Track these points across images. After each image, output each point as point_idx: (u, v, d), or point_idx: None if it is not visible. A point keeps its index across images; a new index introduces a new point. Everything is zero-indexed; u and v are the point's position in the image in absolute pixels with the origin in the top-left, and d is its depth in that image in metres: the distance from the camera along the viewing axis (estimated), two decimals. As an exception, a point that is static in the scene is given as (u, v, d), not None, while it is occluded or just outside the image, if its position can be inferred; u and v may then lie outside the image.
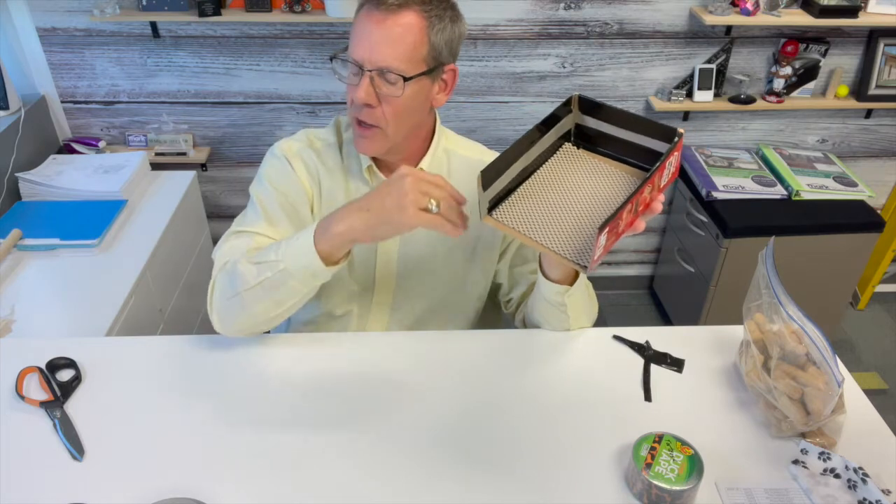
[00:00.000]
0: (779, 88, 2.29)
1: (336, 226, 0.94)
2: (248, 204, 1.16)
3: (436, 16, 1.00)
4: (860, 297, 2.75)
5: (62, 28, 2.10)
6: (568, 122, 1.02)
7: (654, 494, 0.87)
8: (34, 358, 1.08)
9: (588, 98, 1.00)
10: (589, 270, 0.88)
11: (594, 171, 1.01)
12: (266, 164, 1.17)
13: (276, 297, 1.00)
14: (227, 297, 1.03)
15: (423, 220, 0.90)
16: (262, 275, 0.98)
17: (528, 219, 0.94)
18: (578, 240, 0.91)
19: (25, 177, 1.88)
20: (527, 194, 0.98)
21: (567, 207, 0.96)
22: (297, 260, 0.97)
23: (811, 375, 0.95)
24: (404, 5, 0.98)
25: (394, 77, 1.00)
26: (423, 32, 1.00)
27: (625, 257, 2.75)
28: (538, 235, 0.92)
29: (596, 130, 1.02)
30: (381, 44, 0.98)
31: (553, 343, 1.16)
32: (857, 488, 0.90)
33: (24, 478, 0.91)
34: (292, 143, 1.17)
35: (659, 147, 0.96)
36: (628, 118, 0.97)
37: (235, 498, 0.89)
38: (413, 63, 1.00)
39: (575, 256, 0.89)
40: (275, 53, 2.18)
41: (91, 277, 1.61)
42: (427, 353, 1.13)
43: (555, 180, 1.00)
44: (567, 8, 2.15)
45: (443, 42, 1.02)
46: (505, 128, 2.37)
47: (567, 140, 1.05)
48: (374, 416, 1.01)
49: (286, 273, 0.97)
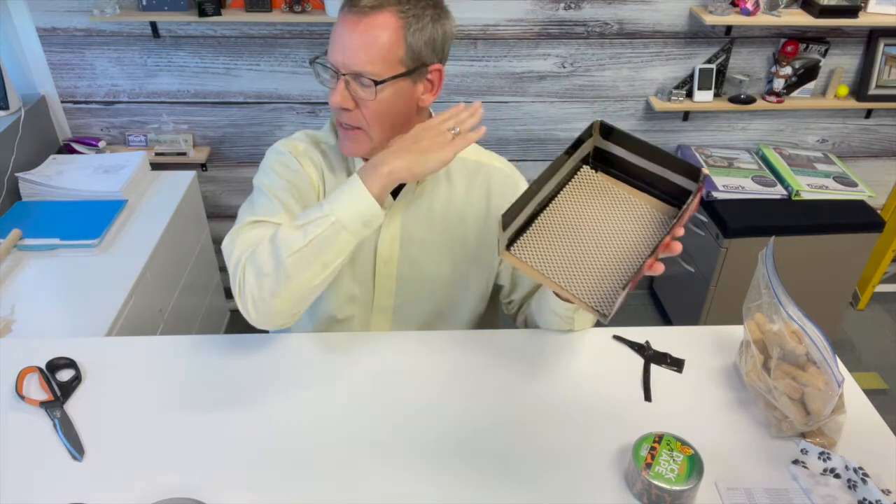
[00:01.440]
0: (779, 88, 2.29)
1: (382, 166, 0.96)
2: (254, 195, 1.12)
3: (413, 16, 0.99)
4: (860, 297, 2.74)
5: (62, 28, 2.10)
6: (587, 146, 1.01)
7: (654, 494, 0.87)
8: (34, 358, 1.08)
9: (608, 125, 0.99)
10: (608, 319, 0.87)
11: (614, 201, 1.00)
12: (273, 159, 1.15)
13: (325, 257, 0.96)
14: (265, 274, 0.97)
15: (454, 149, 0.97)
16: (311, 234, 0.95)
17: (546, 256, 0.93)
18: (598, 282, 0.90)
19: (25, 177, 1.88)
20: (545, 226, 0.97)
21: (586, 243, 0.95)
22: (350, 207, 0.95)
23: (811, 375, 0.95)
24: (378, 7, 0.97)
25: (366, 81, 0.99)
26: (399, 33, 0.98)
27: (625, 257, 2.75)
28: (557, 276, 0.91)
29: (614, 155, 1.00)
30: (355, 47, 0.98)
31: (553, 343, 1.16)
32: (857, 488, 0.90)
33: (24, 478, 0.91)
34: (297, 144, 1.16)
35: (678, 181, 0.94)
36: (649, 149, 0.96)
37: (235, 498, 0.89)
38: (388, 65, 0.99)
39: (594, 301, 0.88)
40: (275, 53, 2.18)
41: (91, 277, 1.61)
42: (427, 354, 1.13)
43: (574, 210, 0.99)
44: (567, 8, 2.15)
45: (422, 42, 1.01)
46: (505, 128, 2.37)
47: (585, 163, 1.03)
48: (375, 417, 1.01)
49: (338, 225, 0.95)
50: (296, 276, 0.96)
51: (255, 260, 0.98)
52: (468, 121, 1.00)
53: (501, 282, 1.26)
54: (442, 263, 1.20)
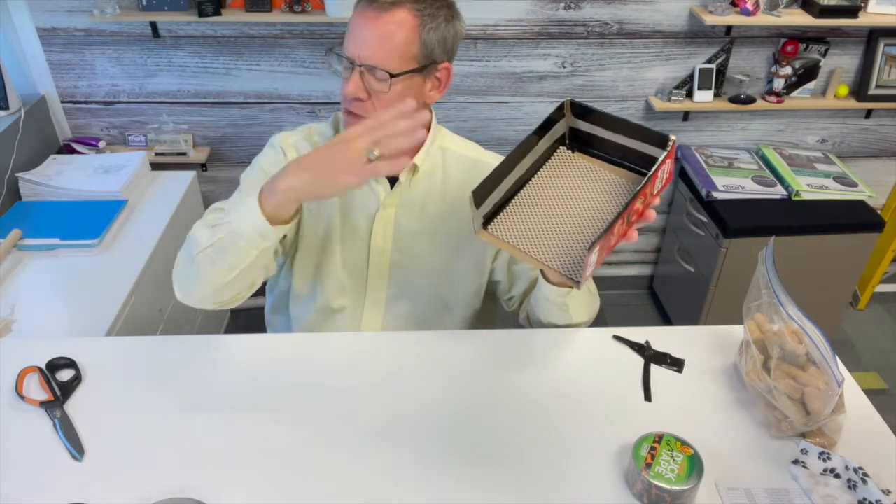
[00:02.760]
0: (779, 88, 2.29)
1: (280, 183, 0.93)
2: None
3: (429, 14, 1.02)
4: (860, 297, 2.74)
5: (62, 28, 2.10)
6: (562, 127, 1.03)
7: (654, 494, 0.87)
8: (34, 358, 1.08)
9: (580, 103, 1.00)
10: (581, 285, 0.89)
11: (588, 176, 1.02)
12: (262, 154, 1.18)
13: (228, 259, 0.98)
14: (184, 261, 1.04)
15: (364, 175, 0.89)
16: (215, 236, 0.97)
17: (522, 231, 0.95)
18: (572, 252, 0.92)
19: (25, 177, 1.88)
20: (522, 204, 0.98)
21: (561, 217, 0.96)
22: (244, 219, 0.95)
23: (811, 375, 0.95)
24: (397, 3, 1.00)
25: (381, 74, 1.02)
26: (415, 31, 1.01)
27: (625, 257, 2.75)
28: (532, 249, 0.93)
29: (590, 133, 1.02)
30: (372, 41, 1.01)
31: (553, 343, 1.16)
32: (857, 488, 0.90)
33: (24, 478, 0.91)
34: (290, 135, 1.19)
35: (652, 152, 0.95)
36: (620, 123, 0.98)
37: (235, 498, 0.89)
38: (402, 60, 1.02)
39: (568, 270, 0.90)
40: (275, 53, 2.18)
41: (91, 277, 1.61)
42: (427, 353, 1.13)
43: (549, 188, 1.00)
44: (567, 8, 2.15)
45: (435, 41, 1.04)
46: (505, 128, 2.37)
47: (562, 144, 1.05)
48: (375, 416, 1.01)
49: (235, 233, 0.96)
50: (204, 271, 1.00)
51: (184, 251, 1.05)
52: (392, 141, 0.89)
53: (498, 277, 1.26)
54: (434, 257, 1.21)
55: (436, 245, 1.20)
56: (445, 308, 1.26)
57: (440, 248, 1.21)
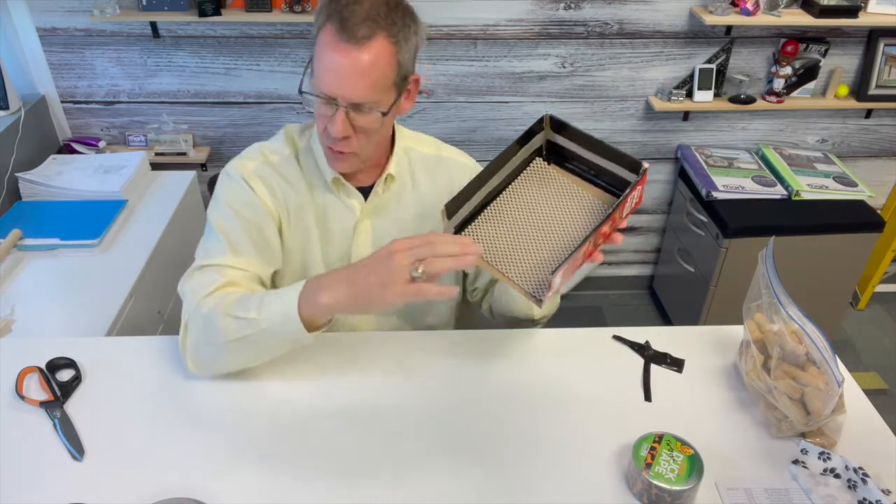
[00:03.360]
0: (779, 88, 2.29)
1: (322, 296, 0.92)
2: (207, 231, 1.11)
3: (403, 37, 0.97)
4: (860, 297, 2.74)
5: (62, 28, 2.10)
6: (539, 139, 1.03)
7: (654, 494, 0.87)
8: (34, 358, 1.08)
9: (559, 119, 1.00)
10: (543, 304, 0.89)
11: (562, 193, 1.02)
12: (224, 189, 1.12)
13: (256, 351, 1.00)
14: (202, 345, 1.01)
15: (408, 296, 0.86)
16: (242, 331, 0.96)
17: (492, 243, 0.96)
18: (538, 270, 0.93)
19: (25, 177, 1.88)
20: (494, 214, 0.99)
21: (530, 232, 0.97)
22: (279, 324, 0.94)
23: (811, 375, 0.95)
24: (372, 33, 0.93)
25: (370, 112, 0.98)
26: (393, 57, 0.97)
27: (625, 257, 2.75)
28: (500, 263, 0.94)
29: (565, 149, 1.02)
30: (353, 78, 0.95)
31: (553, 343, 1.16)
32: (857, 488, 0.90)
33: (24, 478, 0.91)
34: (247, 163, 1.12)
35: (624, 175, 0.96)
36: (596, 145, 0.98)
37: (235, 498, 0.89)
38: (385, 91, 0.99)
39: (532, 288, 0.91)
40: (275, 53, 2.18)
41: (91, 277, 1.61)
42: (425, 353, 1.13)
43: (522, 200, 1.01)
44: (567, 8, 2.15)
45: (409, 58, 1.01)
46: (505, 128, 2.37)
47: (539, 155, 1.05)
48: (374, 416, 1.01)
49: (267, 333, 0.96)
50: (228, 358, 1.01)
51: (195, 328, 1.01)
52: (438, 262, 0.86)
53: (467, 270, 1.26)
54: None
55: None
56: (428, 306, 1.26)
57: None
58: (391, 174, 1.14)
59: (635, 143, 2.45)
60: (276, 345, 1.00)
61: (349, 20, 0.93)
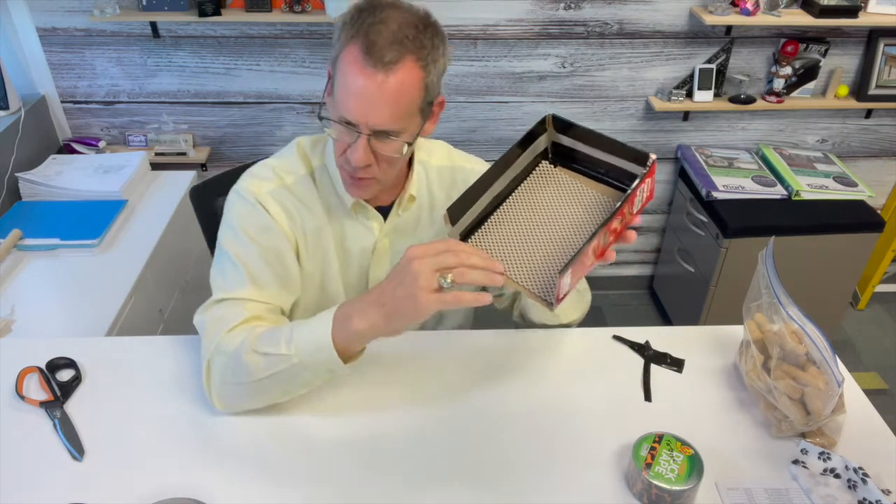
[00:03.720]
0: (779, 88, 2.29)
1: (357, 323, 0.86)
2: (221, 258, 1.05)
3: (432, 61, 0.91)
4: (860, 297, 2.74)
5: (62, 28, 2.10)
6: (544, 141, 1.00)
7: (654, 494, 0.87)
8: (34, 358, 1.08)
9: (562, 118, 0.96)
10: (554, 307, 0.86)
11: (569, 193, 0.99)
12: (237, 212, 1.05)
13: (288, 387, 0.96)
14: (230, 384, 0.96)
15: (440, 304, 0.81)
16: (273, 368, 0.92)
17: (500, 249, 0.92)
18: (547, 272, 0.90)
19: (25, 177, 1.88)
20: (502, 219, 0.96)
21: (540, 236, 0.94)
22: (313, 355, 0.89)
23: (811, 375, 0.95)
24: (401, 59, 0.88)
25: (395, 141, 0.93)
26: (422, 83, 0.91)
27: (625, 257, 2.75)
28: (510, 268, 0.90)
29: (572, 148, 0.99)
30: (379, 105, 0.89)
31: (553, 343, 1.16)
32: (857, 488, 0.90)
33: (24, 478, 0.91)
34: (262, 184, 1.06)
35: (633, 169, 0.93)
36: (602, 140, 0.95)
37: (235, 498, 0.89)
38: (411, 118, 0.94)
39: (543, 291, 0.88)
40: (275, 53, 2.18)
41: (91, 277, 1.61)
42: (425, 354, 1.13)
43: (530, 203, 0.98)
44: (567, 8, 2.15)
45: (436, 80, 0.95)
46: (505, 128, 2.37)
47: (544, 158, 1.02)
48: (374, 416, 1.01)
49: (300, 367, 0.91)
50: (258, 396, 0.97)
51: (221, 366, 0.96)
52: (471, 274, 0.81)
53: None
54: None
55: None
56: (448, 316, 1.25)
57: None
58: (412, 195, 1.10)
59: (635, 143, 2.45)
60: (310, 378, 0.94)
61: (376, 43, 0.87)
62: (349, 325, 0.87)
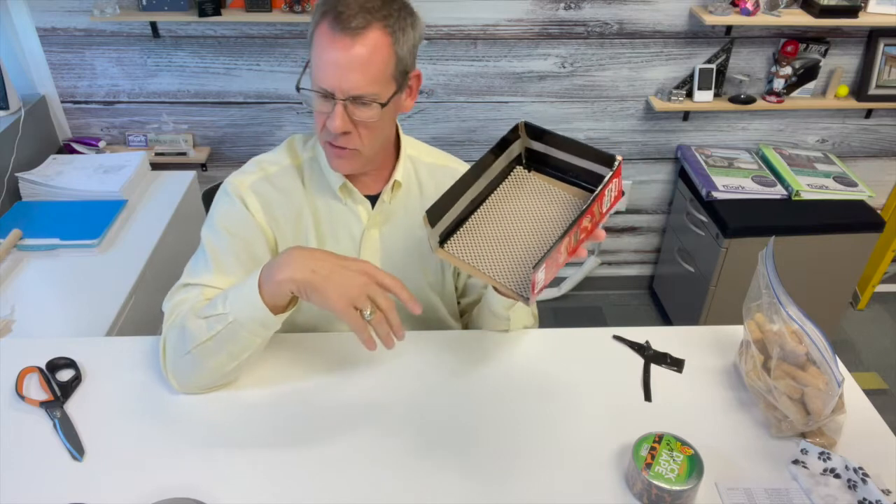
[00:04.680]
0: (779, 88, 2.29)
1: (278, 273, 0.91)
2: (198, 250, 1.11)
3: (399, 28, 0.97)
4: (860, 297, 2.74)
5: (62, 28, 2.10)
6: (518, 147, 1.05)
7: (654, 494, 0.87)
8: (34, 358, 1.08)
9: (534, 126, 1.01)
10: (531, 303, 0.90)
11: (543, 196, 1.03)
12: (218, 205, 1.12)
13: (230, 349, 0.97)
14: (179, 356, 0.99)
15: (350, 319, 0.89)
16: (213, 329, 0.95)
17: (477, 250, 0.97)
18: (523, 270, 0.94)
19: (25, 177, 1.88)
20: (478, 223, 1.00)
21: (515, 236, 0.98)
22: (245, 311, 0.94)
23: (811, 375, 0.95)
24: (368, 24, 0.94)
25: (370, 103, 0.98)
26: (391, 49, 0.97)
27: (625, 257, 2.75)
28: (486, 267, 0.95)
29: (544, 154, 1.04)
30: (351, 70, 0.95)
31: (553, 343, 1.16)
32: (857, 488, 0.90)
33: (24, 478, 0.91)
34: (244, 178, 1.12)
35: (602, 171, 0.97)
36: (569, 144, 0.99)
37: (235, 498, 0.89)
38: (384, 84, 0.98)
39: (519, 288, 0.92)
40: (275, 53, 2.18)
41: (91, 277, 1.61)
42: (424, 354, 1.13)
43: (505, 206, 1.02)
44: (567, 8, 2.15)
45: (407, 52, 1.00)
46: (505, 128, 2.35)
47: (518, 164, 1.07)
48: (373, 416, 1.01)
49: (236, 324, 0.94)
50: (204, 363, 0.98)
51: (171, 340, 1.01)
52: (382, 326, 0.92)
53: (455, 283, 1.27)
54: (425, 271, 1.20)
55: (425, 258, 1.19)
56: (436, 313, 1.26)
57: (429, 262, 1.20)
58: (398, 181, 1.13)
59: (635, 143, 2.45)
60: (248, 336, 0.96)
61: (343, 13, 0.93)
62: (272, 274, 0.92)
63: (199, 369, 1.00)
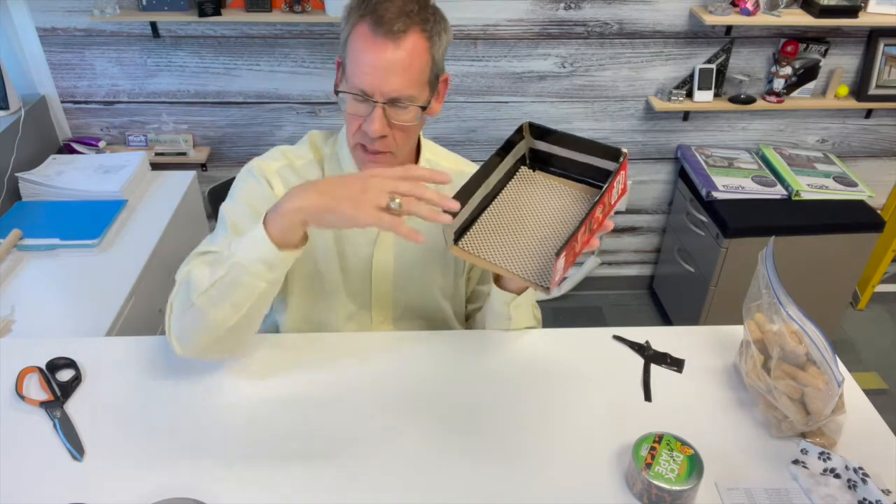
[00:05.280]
0: (779, 88, 2.29)
1: (287, 203, 0.87)
2: (217, 226, 1.10)
3: (436, 33, 0.99)
4: (860, 297, 2.74)
5: (62, 28, 2.10)
6: (522, 147, 1.06)
7: (654, 494, 0.87)
8: (34, 358, 1.08)
9: (538, 125, 1.02)
10: (551, 291, 0.90)
11: (550, 192, 1.05)
12: (242, 183, 1.11)
13: (233, 297, 0.92)
14: (184, 310, 0.96)
15: (378, 221, 0.83)
16: (216, 274, 0.91)
17: (491, 245, 0.98)
18: (539, 261, 0.95)
19: (25, 177, 1.88)
20: (489, 220, 1.01)
21: (527, 230, 1.00)
22: (250, 250, 0.89)
23: (811, 375, 0.95)
24: (408, 29, 0.95)
25: (409, 106, 0.98)
26: (428, 53, 0.98)
27: (625, 257, 2.75)
28: (502, 260, 0.96)
29: (549, 153, 1.05)
30: (392, 73, 0.95)
31: (553, 343, 1.16)
32: (857, 488, 0.90)
33: (24, 478, 0.91)
34: (271, 163, 1.12)
35: (607, 166, 0.99)
36: (575, 141, 1.01)
37: (235, 498, 0.89)
38: (422, 87, 0.99)
39: (536, 278, 0.93)
40: (275, 53, 2.18)
41: (91, 277, 1.61)
42: (425, 354, 1.13)
43: (514, 204, 1.03)
44: (567, 8, 2.15)
45: (441, 55, 1.02)
46: (505, 128, 2.37)
47: (523, 164, 1.08)
48: (374, 416, 1.01)
49: (239, 266, 0.90)
50: (207, 315, 0.94)
51: (178, 298, 0.97)
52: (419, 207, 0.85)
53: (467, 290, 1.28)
54: (436, 274, 1.21)
55: (438, 261, 1.20)
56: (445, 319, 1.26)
57: (441, 264, 1.20)
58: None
59: (635, 143, 2.45)
60: (251, 281, 0.90)
61: (384, 16, 0.94)
62: (279, 206, 0.88)
63: (202, 324, 0.94)
